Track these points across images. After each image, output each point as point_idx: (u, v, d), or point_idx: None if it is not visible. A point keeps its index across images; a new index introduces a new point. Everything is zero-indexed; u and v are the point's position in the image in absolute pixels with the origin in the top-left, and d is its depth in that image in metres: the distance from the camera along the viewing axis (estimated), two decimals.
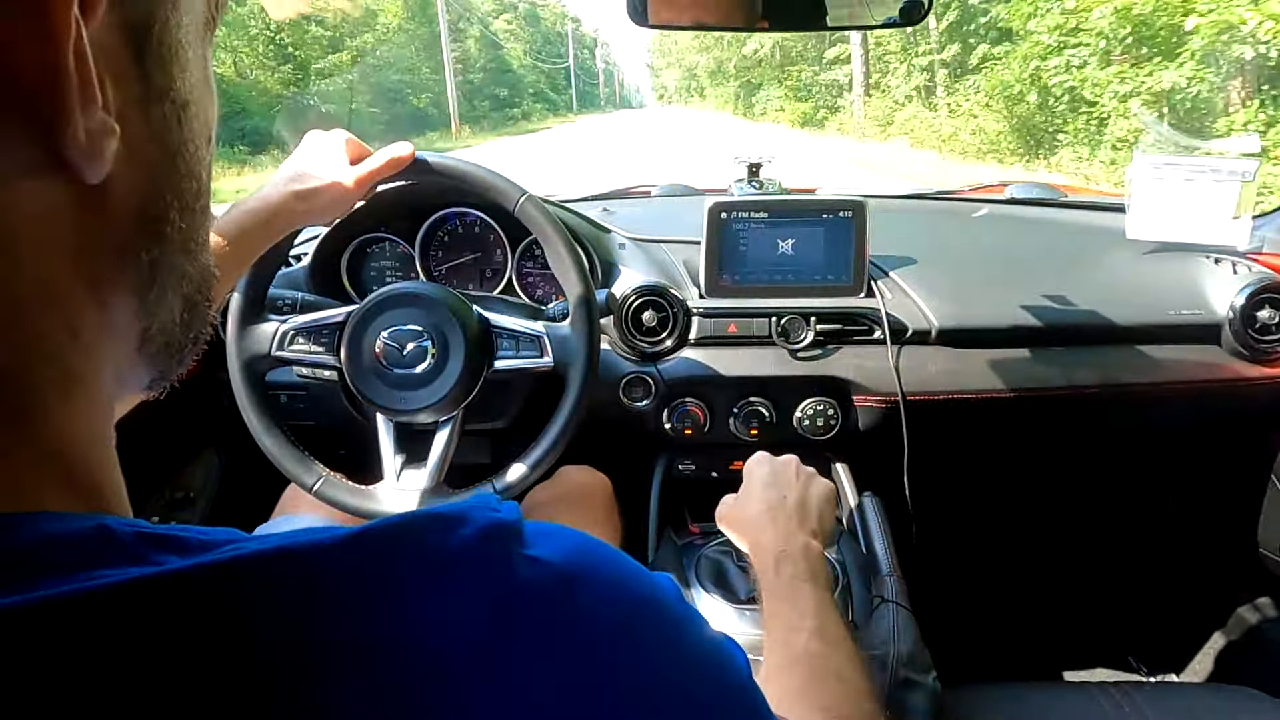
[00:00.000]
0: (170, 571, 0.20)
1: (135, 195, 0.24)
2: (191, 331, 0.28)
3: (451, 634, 0.21)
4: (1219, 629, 1.25)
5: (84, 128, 0.20)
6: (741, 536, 0.71)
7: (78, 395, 0.23)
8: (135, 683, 0.18)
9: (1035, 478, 1.30)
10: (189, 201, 0.26)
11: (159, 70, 0.23)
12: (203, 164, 0.26)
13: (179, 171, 0.25)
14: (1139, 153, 1.11)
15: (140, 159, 0.23)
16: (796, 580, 0.61)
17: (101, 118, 0.21)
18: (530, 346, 0.81)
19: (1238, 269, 1.04)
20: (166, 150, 0.25)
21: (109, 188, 0.22)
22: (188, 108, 0.25)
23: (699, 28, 0.88)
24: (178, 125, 0.25)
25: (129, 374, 0.26)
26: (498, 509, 0.25)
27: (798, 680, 0.53)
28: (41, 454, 0.22)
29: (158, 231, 0.25)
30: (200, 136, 0.26)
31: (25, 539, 0.19)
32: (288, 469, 0.81)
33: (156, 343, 0.27)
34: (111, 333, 0.24)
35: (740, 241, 1.00)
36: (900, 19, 0.83)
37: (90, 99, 0.20)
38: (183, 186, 0.25)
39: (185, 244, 0.26)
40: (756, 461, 0.76)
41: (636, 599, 0.26)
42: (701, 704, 0.25)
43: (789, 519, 0.68)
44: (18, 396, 0.21)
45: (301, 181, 0.71)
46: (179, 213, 0.25)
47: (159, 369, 0.28)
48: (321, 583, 0.21)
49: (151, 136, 0.24)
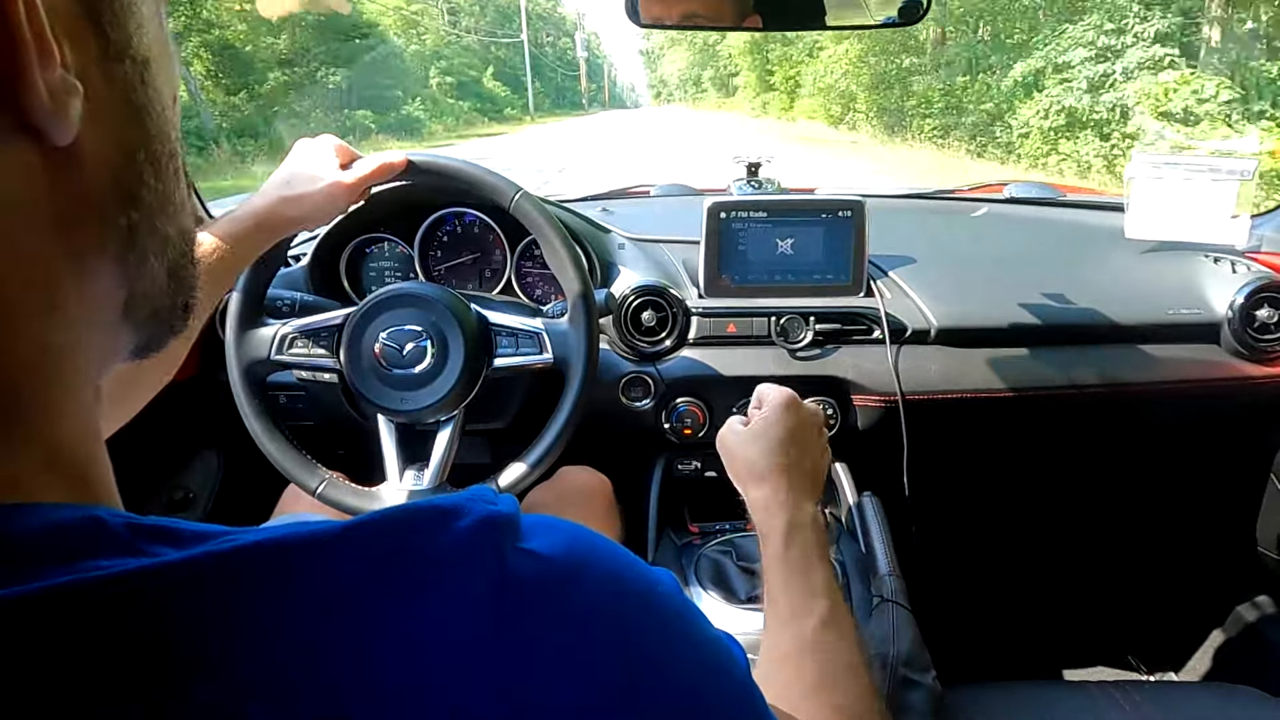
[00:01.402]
0: (165, 563, 0.20)
1: (106, 157, 0.23)
2: (180, 297, 0.28)
3: (447, 626, 0.21)
4: (1218, 628, 1.25)
5: (45, 86, 0.20)
6: (745, 479, 0.64)
7: (63, 376, 0.23)
8: (131, 673, 0.18)
9: (1034, 477, 1.30)
10: (162, 162, 0.26)
11: (115, 28, 0.23)
12: (170, 124, 0.26)
13: (148, 131, 0.25)
14: (1137, 152, 1.11)
15: (107, 119, 0.23)
16: (808, 554, 0.58)
17: (62, 74, 0.21)
18: (529, 343, 0.81)
19: (1236, 268, 1.05)
20: (133, 108, 0.24)
21: (79, 150, 0.22)
22: (149, 65, 0.25)
23: (690, 26, 0.87)
24: (141, 84, 0.24)
25: (113, 343, 0.26)
26: (494, 501, 0.24)
27: (810, 674, 0.51)
28: (30, 441, 0.21)
29: (134, 194, 0.25)
30: (165, 95, 0.26)
31: (18, 530, 0.19)
32: (290, 473, 0.81)
33: (143, 310, 0.26)
34: (93, 303, 0.24)
35: (739, 241, 1.00)
36: (899, 18, 0.83)
37: (47, 54, 0.20)
38: (154, 147, 0.25)
39: (163, 205, 0.26)
40: (784, 404, 0.66)
41: (635, 592, 0.25)
42: (699, 700, 0.25)
43: (801, 481, 0.62)
44: (2, 379, 0.21)
45: (291, 187, 0.72)
46: (153, 174, 0.25)
47: (145, 335, 0.27)
48: (316, 575, 0.21)
49: (116, 95, 0.24)
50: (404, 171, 0.78)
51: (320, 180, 0.73)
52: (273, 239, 0.74)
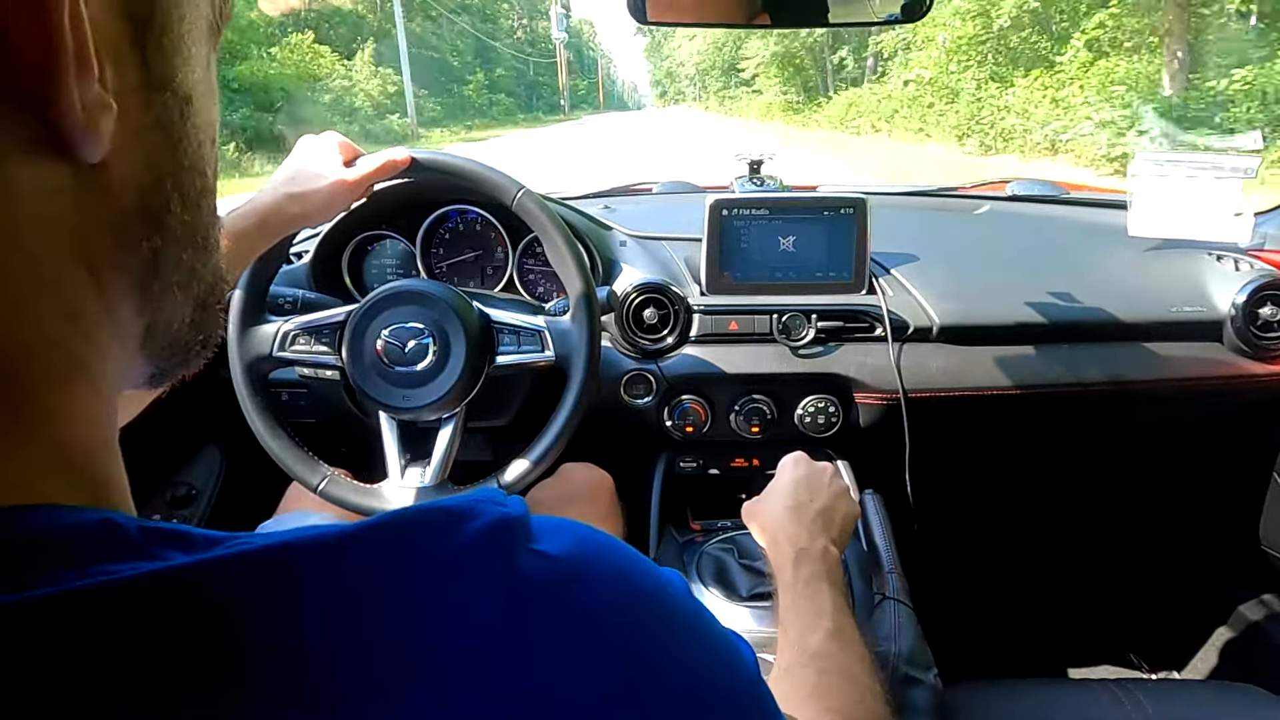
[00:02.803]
0: (177, 567, 0.20)
1: (135, 180, 0.23)
2: (202, 334, 0.28)
3: (460, 630, 0.21)
4: (1221, 626, 1.25)
5: (80, 101, 0.20)
6: (762, 530, 0.71)
7: (79, 384, 0.23)
8: (143, 678, 0.18)
9: (1037, 475, 1.30)
10: (192, 196, 0.26)
11: (159, 59, 0.23)
12: (205, 161, 0.26)
13: (181, 164, 0.25)
14: (1140, 150, 1.10)
15: (140, 145, 0.23)
16: (815, 579, 0.61)
17: (98, 92, 0.21)
18: (531, 341, 0.81)
19: (1240, 266, 1.04)
20: (168, 139, 0.24)
21: (108, 169, 0.22)
22: (190, 103, 0.25)
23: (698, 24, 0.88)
24: (180, 118, 0.24)
25: (129, 368, 0.26)
26: (504, 503, 0.24)
27: (809, 679, 0.52)
28: (43, 444, 0.21)
29: (159, 220, 0.25)
30: (204, 134, 0.26)
31: (31, 533, 0.19)
32: (292, 470, 0.81)
33: (160, 341, 0.26)
34: (112, 323, 0.24)
35: (741, 238, 1.00)
36: (902, 15, 0.83)
37: (86, 70, 0.20)
38: (185, 179, 0.25)
39: (190, 238, 0.26)
40: (793, 461, 0.76)
41: (644, 592, 0.25)
42: (710, 699, 0.25)
43: (812, 521, 0.68)
44: (19, 383, 0.21)
45: (296, 184, 0.73)
46: (180, 204, 0.25)
47: (161, 365, 0.28)
48: (328, 580, 0.21)
49: (152, 124, 0.24)
50: (407, 169, 0.78)
51: (324, 178, 0.73)
52: (276, 236, 0.74)
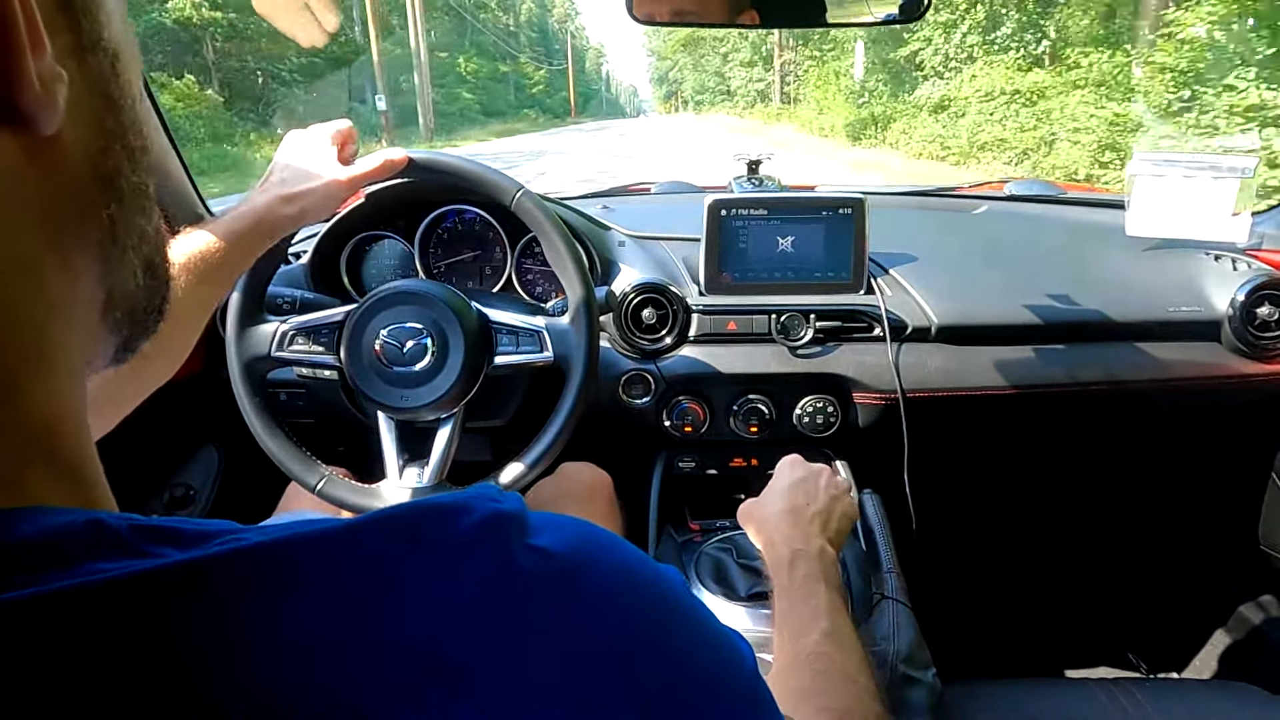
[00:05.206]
0: (170, 564, 0.20)
1: (86, 147, 0.23)
2: (155, 296, 0.28)
3: (454, 626, 0.21)
4: (1220, 626, 1.25)
5: (36, 74, 0.20)
6: (758, 533, 0.71)
7: (56, 365, 0.23)
8: (137, 676, 0.18)
9: (1035, 475, 1.30)
10: (136, 155, 0.26)
11: (86, 18, 0.23)
12: (139, 117, 0.26)
13: (122, 123, 0.25)
14: (1138, 150, 1.11)
15: (85, 110, 0.23)
16: (810, 580, 0.61)
17: (50, 62, 0.21)
18: (530, 341, 0.81)
19: (1237, 265, 1.04)
20: (107, 100, 0.24)
21: (61, 141, 0.22)
22: (119, 57, 0.25)
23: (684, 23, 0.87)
24: (113, 74, 0.24)
25: (95, 346, 0.26)
26: (499, 499, 0.24)
27: (805, 679, 0.52)
28: (24, 432, 0.21)
29: (114, 185, 0.25)
30: (134, 87, 0.26)
31: (17, 534, 0.19)
32: (290, 470, 0.81)
33: (120, 309, 0.26)
34: (78, 298, 0.24)
35: (740, 239, 1.00)
36: (900, 15, 0.83)
37: (39, 42, 0.20)
38: (129, 139, 0.25)
39: (139, 199, 0.26)
40: (789, 464, 0.76)
41: (642, 586, 0.25)
42: (708, 696, 0.25)
43: (808, 523, 0.68)
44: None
45: (288, 186, 0.70)
46: (130, 166, 0.25)
47: (123, 336, 0.27)
48: (322, 575, 0.21)
49: (92, 87, 0.24)
50: (405, 169, 0.78)
51: (318, 177, 0.72)
52: (273, 238, 0.73)
